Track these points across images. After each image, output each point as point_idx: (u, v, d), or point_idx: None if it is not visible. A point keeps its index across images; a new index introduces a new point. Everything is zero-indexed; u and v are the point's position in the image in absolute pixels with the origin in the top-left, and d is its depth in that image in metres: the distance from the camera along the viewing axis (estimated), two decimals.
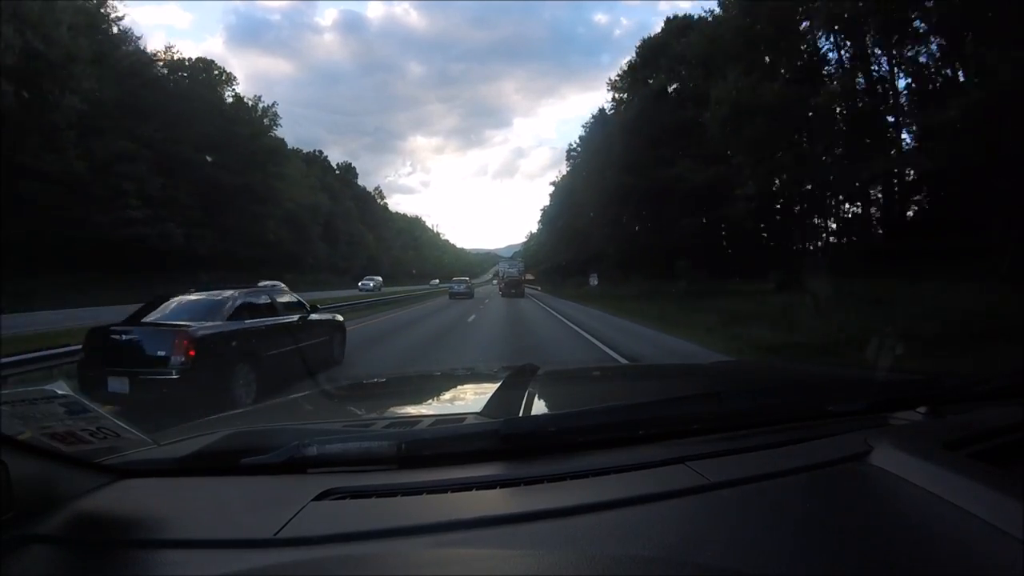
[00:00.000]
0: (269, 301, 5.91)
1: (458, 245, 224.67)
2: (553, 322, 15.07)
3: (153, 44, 39.23)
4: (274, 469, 0.83)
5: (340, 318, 7.83)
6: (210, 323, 4.82)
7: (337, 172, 75.82)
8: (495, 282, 54.57)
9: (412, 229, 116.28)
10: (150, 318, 5.01)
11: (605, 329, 12.50)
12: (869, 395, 1.07)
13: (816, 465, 0.78)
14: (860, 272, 15.17)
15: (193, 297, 5.42)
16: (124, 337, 4.63)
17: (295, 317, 6.13)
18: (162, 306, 5.23)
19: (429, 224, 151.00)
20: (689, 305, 15.53)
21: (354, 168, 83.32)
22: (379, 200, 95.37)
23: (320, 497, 0.74)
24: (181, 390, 4.21)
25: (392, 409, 1.50)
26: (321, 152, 72.58)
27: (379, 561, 0.61)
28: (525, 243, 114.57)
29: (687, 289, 20.91)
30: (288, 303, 6.31)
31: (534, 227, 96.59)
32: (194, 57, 40.69)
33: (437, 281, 70.56)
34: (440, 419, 1.14)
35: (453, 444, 0.88)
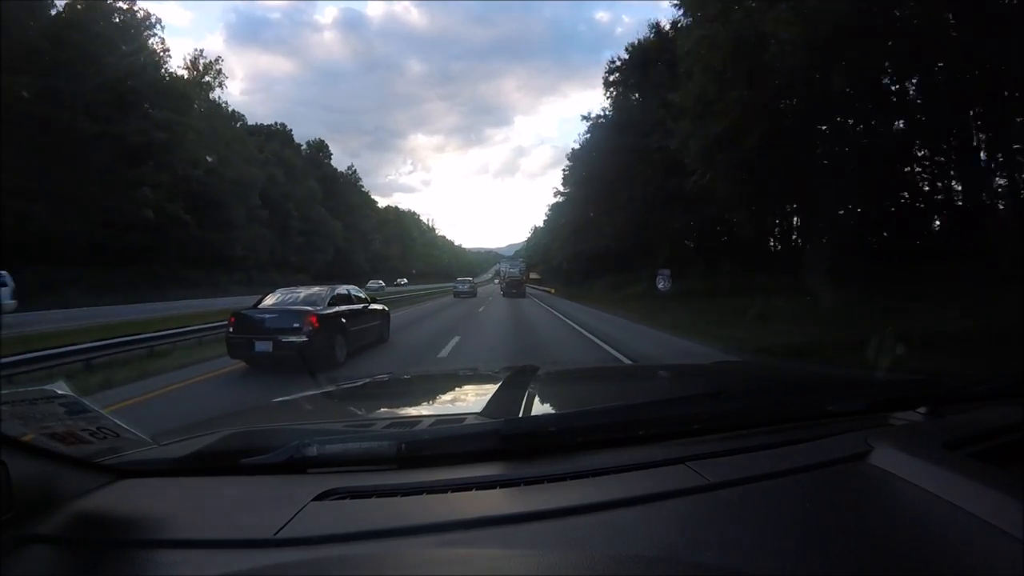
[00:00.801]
0: (348, 294, 8.31)
1: (460, 244, 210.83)
2: None
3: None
4: (274, 469, 0.83)
5: (387, 308, 10.24)
6: (321, 307, 7.12)
7: (305, 149, 60.92)
8: (496, 281, 53.97)
9: (401, 221, 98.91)
10: (275, 304, 7.27)
11: None
12: (869, 395, 1.07)
13: (816, 465, 0.78)
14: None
15: (297, 292, 7.86)
16: (266, 316, 6.84)
17: (361, 306, 8.53)
18: (272, 296, 7.70)
19: (424, 219, 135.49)
20: None
21: (327, 146, 66.46)
22: (354, 182, 73.84)
23: (320, 497, 0.74)
24: (307, 349, 6.40)
25: (392, 409, 1.50)
26: (284, 125, 58.87)
27: (379, 561, 0.61)
28: (529, 238, 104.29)
29: None
30: (358, 296, 8.73)
31: (536, 224, 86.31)
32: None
33: (380, 284, 44.68)
34: (440, 419, 1.14)
35: (453, 444, 0.88)
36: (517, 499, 0.74)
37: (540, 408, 1.26)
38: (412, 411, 1.50)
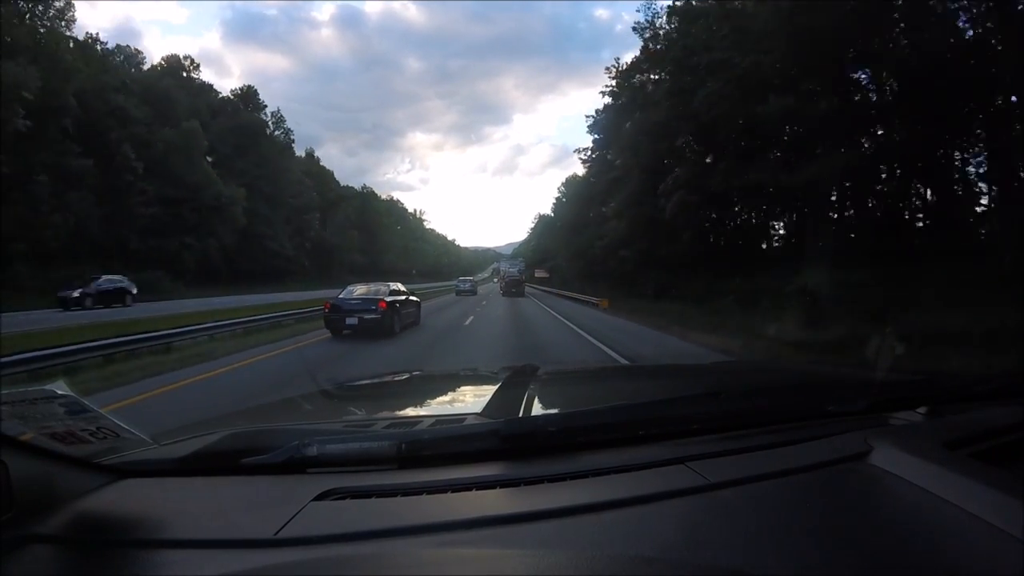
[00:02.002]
0: (397, 289, 11.98)
1: (453, 239, 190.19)
2: None
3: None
4: (274, 469, 0.83)
5: (419, 299, 13.69)
6: (386, 296, 10.77)
7: (230, 97, 44.75)
8: (496, 280, 54.10)
9: (366, 201, 73.32)
10: (353, 296, 10.92)
11: None
12: (869, 395, 1.07)
13: (816, 465, 0.78)
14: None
15: (355, 288, 11.48)
16: (352, 302, 10.60)
17: (405, 297, 12.00)
18: (343, 292, 11.31)
19: (410, 207, 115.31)
20: None
21: (257, 94, 48.83)
22: (282, 135, 50.72)
23: (320, 497, 0.74)
24: (379, 323, 10.14)
25: (392, 409, 1.50)
26: (190, 58, 41.53)
27: (379, 561, 0.61)
28: (534, 227, 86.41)
29: None
30: (402, 291, 12.20)
31: (542, 212, 74.58)
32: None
33: None
34: (440, 419, 1.14)
35: (453, 444, 0.88)
36: (517, 499, 0.74)
37: (540, 408, 1.25)
38: (412, 411, 1.50)
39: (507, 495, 0.76)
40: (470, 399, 1.63)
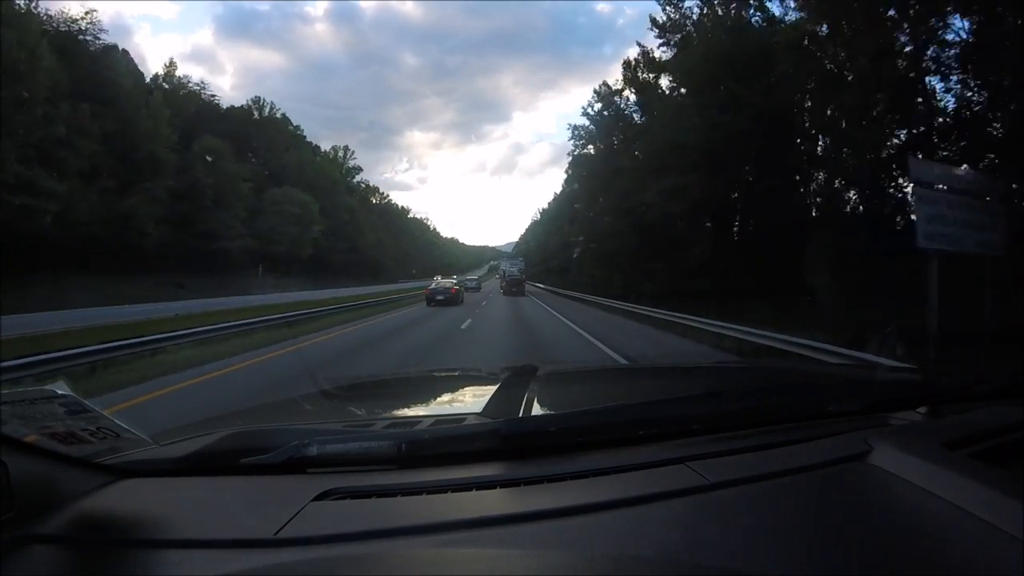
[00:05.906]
0: (455, 281, 28.80)
1: (461, 242, 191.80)
2: None
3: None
4: (274, 469, 0.83)
5: (461, 287, 26.35)
6: (454, 285, 25.54)
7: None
8: (497, 276, 55.09)
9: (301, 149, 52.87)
10: (437, 285, 24.84)
11: None
12: (869, 395, 1.07)
13: (816, 465, 0.78)
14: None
15: (440, 281, 27.11)
16: (438, 289, 23.91)
17: (459, 286, 25.97)
18: (435, 281, 27.51)
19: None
20: None
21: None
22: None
23: (320, 497, 0.74)
24: (452, 298, 22.85)
25: (392, 409, 1.50)
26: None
27: (379, 561, 0.61)
28: (544, 212, 70.45)
29: None
30: (456, 282, 27.76)
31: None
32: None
33: None
34: (440, 419, 1.14)
35: (453, 444, 0.88)
36: (517, 499, 0.74)
37: (540, 408, 1.25)
38: (412, 411, 1.50)
39: (507, 495, 0.76)
40: (470, 399, 1.63)
